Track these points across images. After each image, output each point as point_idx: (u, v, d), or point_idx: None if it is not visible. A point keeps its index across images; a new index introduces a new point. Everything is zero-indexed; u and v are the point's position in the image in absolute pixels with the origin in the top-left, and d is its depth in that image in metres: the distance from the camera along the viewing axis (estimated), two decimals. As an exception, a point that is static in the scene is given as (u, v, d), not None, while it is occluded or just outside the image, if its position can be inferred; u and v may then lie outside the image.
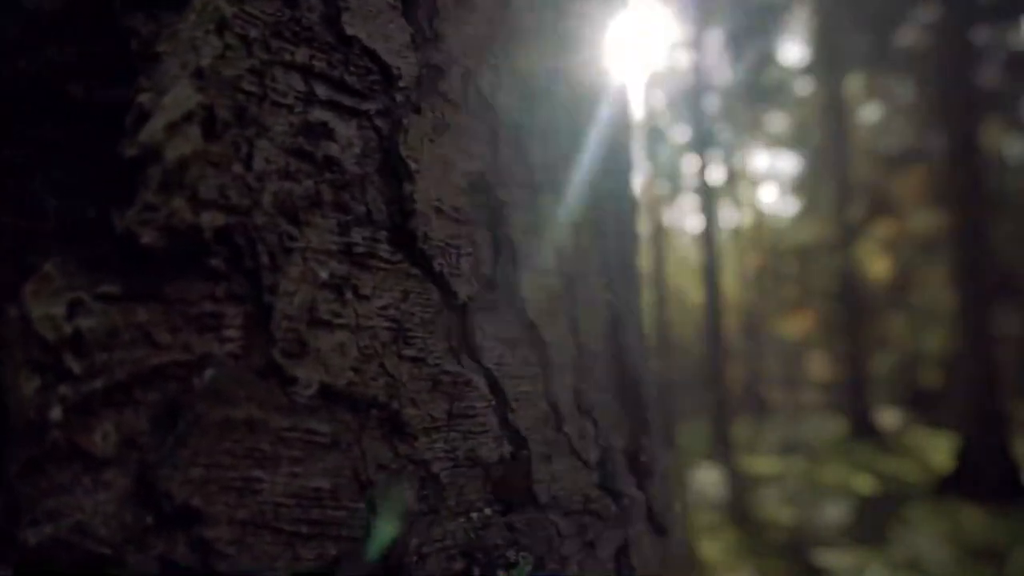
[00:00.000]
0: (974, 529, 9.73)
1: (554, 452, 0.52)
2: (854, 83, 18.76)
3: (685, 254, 28.66)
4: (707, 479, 12.34)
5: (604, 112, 0.78)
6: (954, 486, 11.64)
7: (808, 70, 18.50)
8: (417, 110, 0.43)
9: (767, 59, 18.15)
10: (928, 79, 14.74)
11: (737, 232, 25.65)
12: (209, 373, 0.32)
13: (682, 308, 27.05)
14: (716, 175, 23.64)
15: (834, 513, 9.72)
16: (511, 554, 0.42)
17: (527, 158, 0.55)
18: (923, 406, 19.08)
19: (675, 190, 24.19)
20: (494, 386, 0.46)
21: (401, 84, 0.42)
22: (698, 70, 16.92)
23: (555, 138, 0.61)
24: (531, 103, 0.57)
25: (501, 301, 0.48)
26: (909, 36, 15.85)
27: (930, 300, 18.32)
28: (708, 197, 15.80)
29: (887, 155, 17.94)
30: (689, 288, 26.14)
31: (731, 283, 25.64)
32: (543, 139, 0.59)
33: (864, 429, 17.87)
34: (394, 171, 0.41)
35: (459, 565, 0.40)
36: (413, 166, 0.42)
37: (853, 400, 18.36)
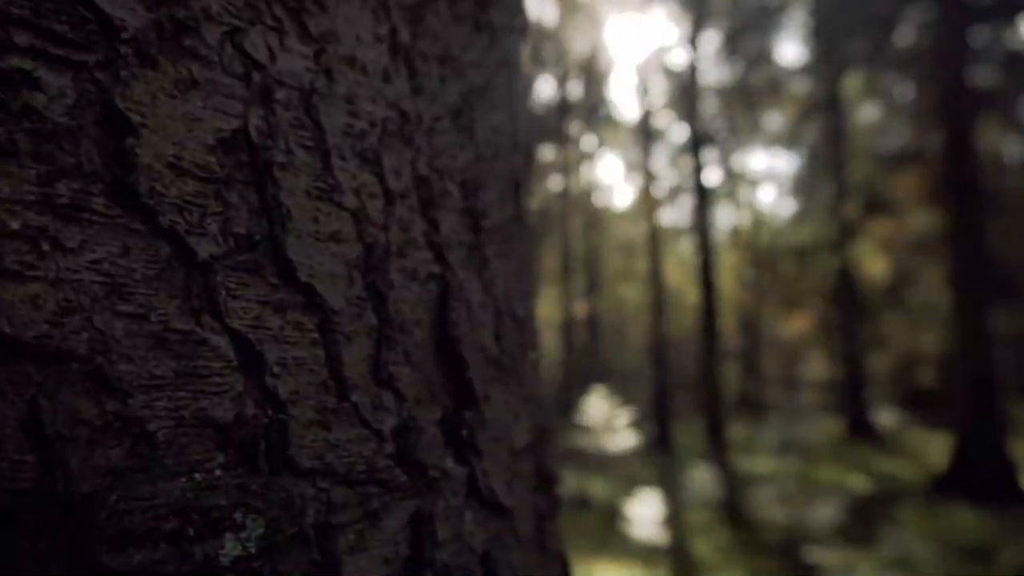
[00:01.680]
0: (966, 529, 9.71)
1: (333, 420, 0.51)
2: (852, 83, 18.73)
3: (684, 254, 28.64)
4: (702, 479, 12.32)
5: (453, 83, 0.77)
6: (949, 486, 11.61)
7: (805, 69, 18.49)
8: (153, 64, 0.43)
9: (764, 58, 18.14)
10: (926, 78, 14.70)
11: (735, 232, 25.63)
12: None
13: (681, 308, 27.04)
14: (713, 175, 23.62)
15: (828, 512, 9.71)
16: (238, 516, 0.41)
17: (320, 123, 0.54)
18: (921, 406, 19.04)
19: (674, 190, 24.17)
20: (245, 348, 0.45)
21: (124, 36, 0.41)
22: (694, 69, 16.91)
23: (367, 106, 0.60)
24: (331, 67, 0.56)
25: (264, 263, 0.48)
26: (907, 36, 15.82)
27: (928, 300, 18.28)
28: (704, 197, 15.79)
29: (885, 155, 17.91)
30: (689, 289, 26.12)
31: (728, 283, 25.61)
32: (349, 106, 0.58)
33: (861, 429, 17.84)
34: (115, 125, 0.41)
35: (169, 524, 0.39)
36: (137, 120, 0.41)
37: (850, 400, 18.32)
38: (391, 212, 0.60)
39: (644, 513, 9.73)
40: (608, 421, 12.74)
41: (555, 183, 26.07)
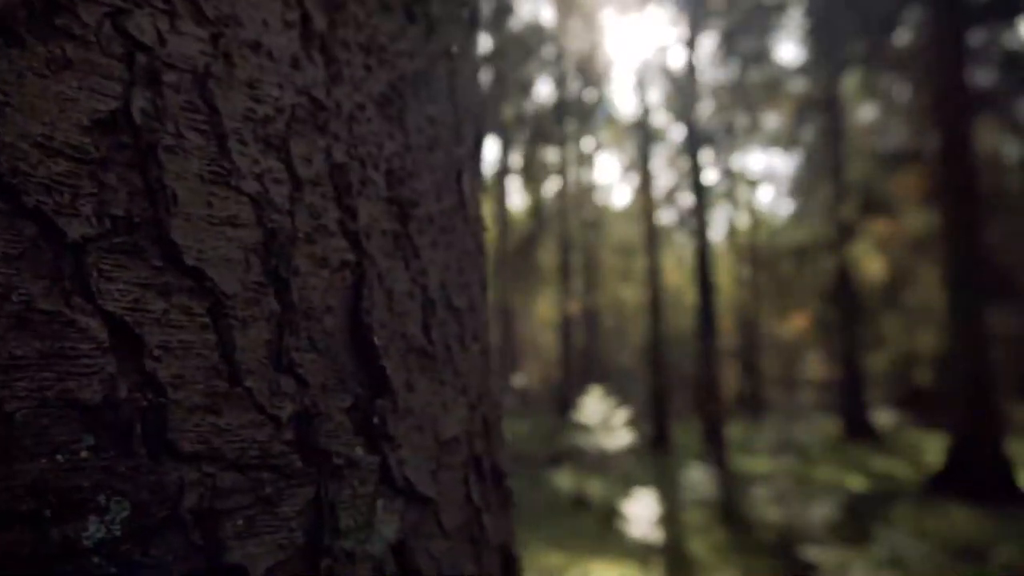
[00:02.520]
0: (961, 528, 9.71)
1: (224, 405, 0.50)
2: (850, 82, 18.71)
3: (683, 254, 28.61)
4: (699, 478, 12.30)
5: (379, 73, 0.76)
6: (945, 485, 11.61)
7: (803, 69, 18.46)
8: (20, 43, 0.42)
9: (762, 58, 18.11)
10: (923, 79, 14.68)
11: (733, 232, 25.60)
12: None
13: (680, 308, 27.03)
14: (711, 175, 23.62)
15: (824, 512, 9.70)
16: (101, 498, 0.41)
17: (216, 106, 0.54)
18: (918, 406, 19.04)
19: (672, 190, 24.17)
20: (120, 330, 0.45)
21: (-18, 14, 0.41)
22: (692, 69, 16.91)
23: (272, 91, 0.60)
24: (230, 52, 0.56)
25: (145, 246, 0.47)
26: (904, 36, 15.81)
27: (926, 300, 18.27)
28: (701, 197, 15.78)
29: (883, 155, 17.87)
30: (688, 289, 26.10)
31: (727, 283, 25.59)
32: (251, 90, 0.58)
33: (859, 429, 17.84)
34: (-25, 104, 0.40)
35: (25, 506, 0.39)
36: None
37: (848, 400, 18.31)
38: (298, 198, 0.60)
39: (641, 512, 9.71)
40: (606, 420, 12.73)
41: (553, 183, 26.06)
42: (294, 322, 0.57)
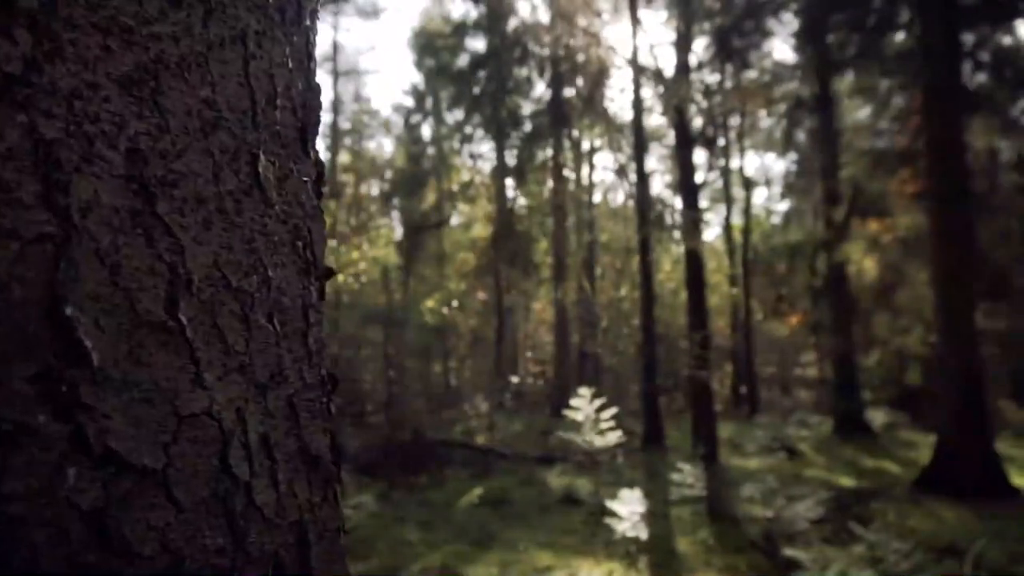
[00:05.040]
0: (945, 525, 9.69)
1: None
2: (842, 83, 18.68)
3: (680, 254, 28.58)
4: (689, 476, 12.32)
5: (124, 54, 0.78)
6: (933, 483, 11.58)
7: (796, 69, 18.42)
8: None
9: (756, 58, 18.08)
10: (915, 79, 14.63)
11: (728, 231, 25.58)
12: None
13: (678, 308, 27.02)
14: (705, 175, 23.60)
15: (811, 510, 9.71)
16: None
17: None
18: (911, 405, 19.00)
19: (667, 189, 24.17)
20: None
21: None
22: (687, 69, 16.90)
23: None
24: None
25: None
26: (896, 37, 15.78)
27: (918, 299, 18.23)
28: (695, 196, 15.77)
29: (876, 154, 17.81)
30: (684, 288, 26.07)
31: (722, 283, 25.58)
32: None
33: (852, 428, 17.80)
34: None
35: None
36: None
37: (842, 399, 18.28)
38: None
39: (630, 510, 9.72)
40: (597, 419, 12.73)
41: (549, 182, 26.08)
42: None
